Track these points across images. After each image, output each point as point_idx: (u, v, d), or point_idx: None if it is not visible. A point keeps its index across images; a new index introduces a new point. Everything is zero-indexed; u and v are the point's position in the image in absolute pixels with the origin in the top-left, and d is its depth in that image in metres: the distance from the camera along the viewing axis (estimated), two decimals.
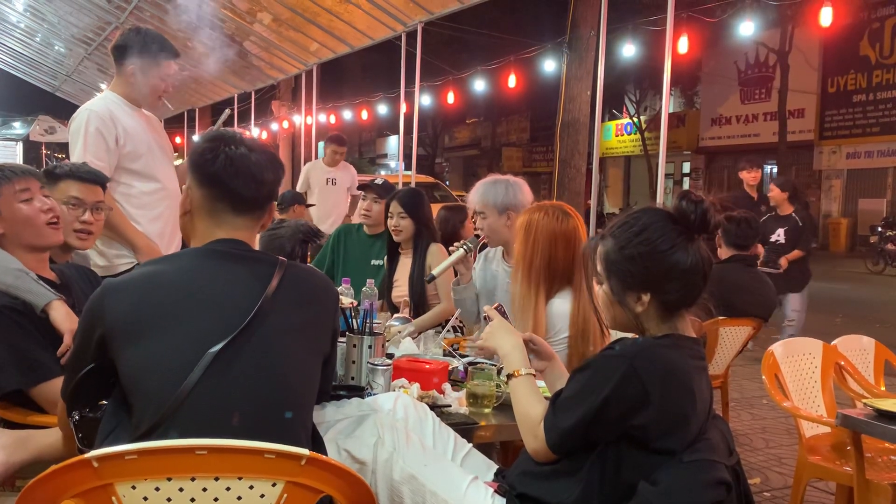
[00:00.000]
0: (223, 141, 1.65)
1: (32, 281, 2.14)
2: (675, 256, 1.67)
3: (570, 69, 11.10)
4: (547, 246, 2.71)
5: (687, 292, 1.71)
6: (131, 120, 3.38)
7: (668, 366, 1.62)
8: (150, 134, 3.46)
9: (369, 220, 4.23)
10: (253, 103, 14.82)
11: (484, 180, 3.31)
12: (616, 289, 1.73)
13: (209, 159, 1.63)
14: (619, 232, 1.73)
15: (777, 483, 3.98)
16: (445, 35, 17.34)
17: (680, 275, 1.68)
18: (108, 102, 3.39)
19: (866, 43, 20.67)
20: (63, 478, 1.30)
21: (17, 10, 14.56)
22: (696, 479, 1.59)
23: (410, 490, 1.78)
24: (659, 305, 1.70)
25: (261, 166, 1.65)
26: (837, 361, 3.21)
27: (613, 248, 1.72)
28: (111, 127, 3.27)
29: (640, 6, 16.25)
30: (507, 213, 3.19)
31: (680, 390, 1.62)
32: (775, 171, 22.97)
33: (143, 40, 3.35)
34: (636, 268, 1.69)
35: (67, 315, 2.13)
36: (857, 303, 11.55)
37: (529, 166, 30.91)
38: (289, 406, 1.57)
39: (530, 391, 1.86)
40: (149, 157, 3.40)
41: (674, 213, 1.71)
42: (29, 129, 25.02)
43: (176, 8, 10.16)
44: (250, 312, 1.54)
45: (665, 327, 1.71)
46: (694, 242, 1.70)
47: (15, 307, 2.11)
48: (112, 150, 3.27)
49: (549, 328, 2.70)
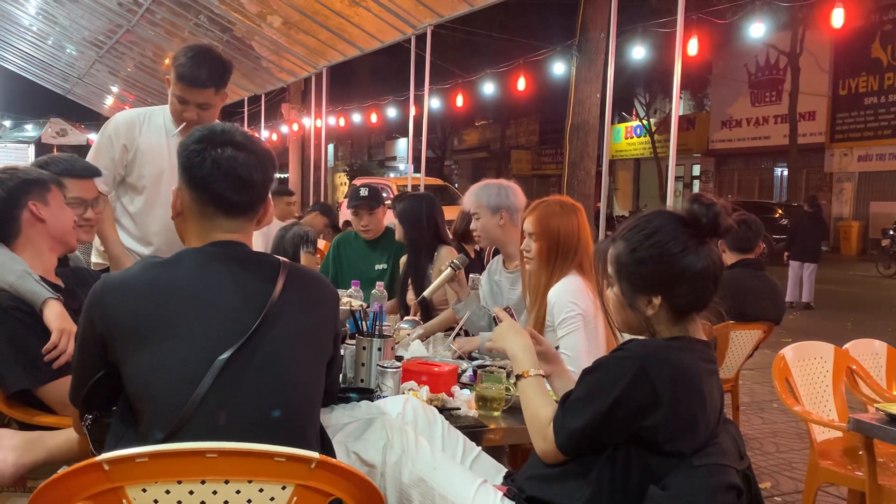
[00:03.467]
0: (210, 142, 1.61)
1: (34, 281, 2.15)
2: (685, 259, 1.66)
3: (579, 72, 11.10)
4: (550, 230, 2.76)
5: (698, 296, 1.70)
6: (157, 139, 3.19)
7: (678, 368, 1.62)
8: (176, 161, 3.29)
9: (369, 234, 4.24)
10: (263, 106, 14.87)
11: (477, 184, 3.40)
12: (627, 292, 1.72)
13: (196, 163, 1.60)
14: (630, 235, 1.73)
15: (788, 488, 3.96)
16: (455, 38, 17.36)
17: (691, 278, 1.67)
18: (149, 113, 3.24)
19: (878, 45, 20.58)
20: (74, 480, 1.30)
21: (30, 13, 14.68)
22: (706, 483, 1.58)
23: (419, 493, 1.78)
24: (669, 309, 1.70)
25: (249, 167, 1.61)
26: (849, 365, 3.19)
27: (624, 251, 1.72)
28: (122, 137, 3.17)
29: (650, 8, 16.23)
30: (499, 213, 3.25)
31: (690, 392, 1.62)
32: (786, 174, 22.90)
33: (182, 54, 3.06)
34: (647, 271, 1.68)
35: (60, 315, 2.12)
36: (869, 306, 11.49)
37: (538, 169, 30.92)
38: (296, 409, 1.57)
39: (539, 392, 1.85)
40: (158, 181, 3.20)
41: (685, 216, 1.70)
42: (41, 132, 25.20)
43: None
44: (257, 316, 1.53)
45: (676, 330, 1.71)
46: (705, 245, 1.69)
47: (22, 308, 2.12)
48: (117, 161, 3.18)
49: (558, 310, 2.67)
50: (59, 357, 2.08)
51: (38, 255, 2.28)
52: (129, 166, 3.20)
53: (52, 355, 2.08)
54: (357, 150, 41.35)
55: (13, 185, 2.25)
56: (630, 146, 28.54)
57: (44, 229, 2.28)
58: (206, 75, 3.00)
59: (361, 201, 4.16)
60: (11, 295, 2.13)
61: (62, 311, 2.14)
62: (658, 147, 25.19)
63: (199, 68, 2.98)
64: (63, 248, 2.41)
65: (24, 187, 2.27)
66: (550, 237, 2.75)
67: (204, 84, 3.01)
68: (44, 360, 2.11)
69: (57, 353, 2.08)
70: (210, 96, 3.05)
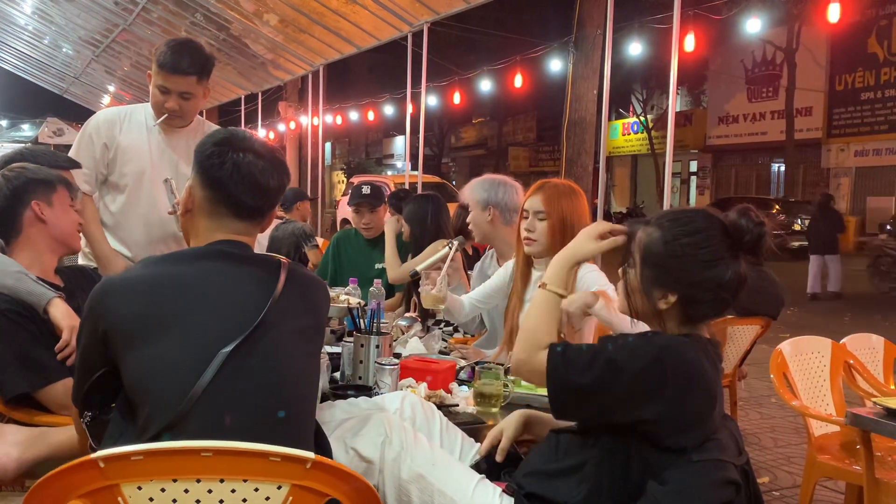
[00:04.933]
0: (231, 145, 1.63)
1: (32, 282, 2.14)
2: (715, 270, 1.64)
3: (576, 68, 11.07)
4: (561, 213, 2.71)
5: (714, 305, 1.68)
6: (138, 136, 3.13)
7: (692, 366, 1.60)
8: (160, 157, 3.13)
9: (370, 232, 4.23)
10: (260, 104, 14.84)
11: (477, 178, 3.37)
12: (646, 279, 1.69)
13: (216, 164, 1.62)
14: (668, 225, 1.69)
15: (786, 482, 3.96)
16: (452, 35, 17.34)
17: (713, 287, 1.65)
18: (130, 110, 3.19)
19: (874, 40, 20.58)
20: (69, 478, 1.30)
21: (26, 12, 14.64)
22: (705, 478, 1.58)
23: (418, 489, 1.78)
24: (683, 309, 1.68)
25: (266, 174, 1.64)
26: (846, 360, 3.20)
27: (658, 240, 1.68)
28: (102, 135, 3.11)
29: (647, 4, 16.21)
30: (488, 208, 3.20)
31: (700, 392, 1.61)
32: (783, 169, 22.91)
33: (164, 44, 3.02)
34: (673, 266, 1.66)
35: (67, 312, 2.13)
36: (866, 301, 11.49)
37: (536, 166, 30.89)
38: (294, 407, 1.57)
39: (548, 310, 1.80)
40: (140, 179, 3.13)
41: (729, 227, 1.66)
42: (37, 131, 25.17)
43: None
44: (258, 314, 1.53)
45: (685, 328, 1.69)
46: (737, 260, 1.66)
47: (17, 310, 2.11)
48: (98, 160, 3.11)
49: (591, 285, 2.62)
50: (71, 355, 2.07)
51: (38, 254, 2.29)
52: (111, 165, 3.14)
53: (65, 353, 2.08)
54: (354, 149, 41.32)
55: (18, 184, 2.26)
56: (627, 143, 28.53)
57: (45, 230, 2.28)
58: (188, 63, 2.96)
59: (363, 199, 4.16)
60: (5, 297, 2.12)
61: (67, 309, 2.14)
62: (655, 143, 25.18)
63: (181, 56, 2.95)
64: (64, 250, 2.41)
65: (30, 186, 2.27)
66: (561, 216, 2.69)
67: (186, 71, 2.96)
68: (42, 362, 2.11)
69: (70, 350, 2.08)
70: (192, 85, 3.00)
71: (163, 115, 3.04)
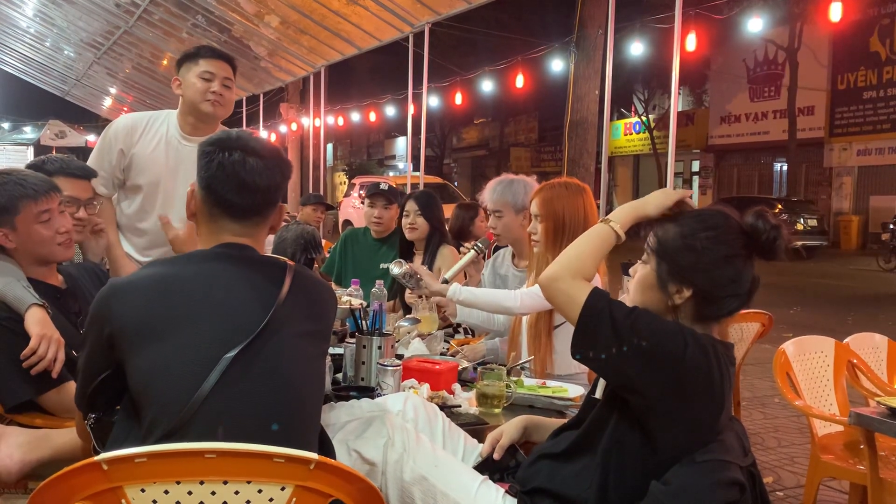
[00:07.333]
0: (221, 145, 1.62)
1: (21, 287, 2.13)
2: (732, 265, 1.65)
3: (577, 68, 11.08)
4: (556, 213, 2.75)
5: (728, 303, 1.68)
6: (156, 145, 3.16)
7: (709, 372, 1.60)
8: (175, 168, 3.15)
9: (380, 227, 4.24)
10: (261, 106, 14.86)
11: (499, 179, 3.30)
12: (662, 273, 1.69)
13: (203, 165, 1.63)
14: (686, 221, 1.70)
15: (790, 482, 3.95)
16: (453, 36, 17.36)
17: (729, 283, 1.66)
18: (152, 118, 3.21)
19: (876, 39, 20.55)
20: (73, 480, 1.30)
21: (27, 15, 14.67)
22: (708, 479, 1.58)
23: (421, 491, 1.78)
24: (696, 306, 1.68)
25: (255, 172, 1.61)
26: (850, 359, 3.19)
27: (675, 235, 1.69)
28: (120, 141, 3.15)
29: (648, 4, 16.21)
30: (524, 212, 3.15)
31: (712, 399, 1.61)
32: (785, 169, 22.89)
33: (191, 47, 3.15)
34: (689, 260, 1.66)
35: (41, 320, 2.09)
36: (869, 300, 11.48)
37: (538, 166, 30.87)
38: (298, 411, 1.57)
39: (602, 244, 1.78)
40: (154, 189, 3.18)
41: (746, 227, 1.68)
42: (39, 134, 25.22)
43: None
44: (263, 317, 1.53)
45: (698, 327, 1.68)
46: (750, 261, 1.67)
47: (14, 317, 2.10)
48: (114, 165, 3.16)
49: None
50: (39, 363, 2.05)
51: (26, 265, 2.25)
52: (126, 171, 3.19)
53: (31, 361, 2.05)
54: (356, 150, 41.35)
55: None
56: (629, 142, 28.52)
57: (16, 252, 2.24)
58: (222, 53, 3.15)
59: (380, 192, 4.21)
60: (3, 305, 2.11)
61: (43, 317, 2.11)
62: (657, 143, 25.17)
63: (214, 48, 3.13)
64: (48, 262, 2.32)
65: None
66: (555, 219, 2.73)
67: (226, 58, 3.13)
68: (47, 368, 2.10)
69: (36, 358, 2.05)
70: (230, 73, 3.13)
71: (207, 102, 3.07)
